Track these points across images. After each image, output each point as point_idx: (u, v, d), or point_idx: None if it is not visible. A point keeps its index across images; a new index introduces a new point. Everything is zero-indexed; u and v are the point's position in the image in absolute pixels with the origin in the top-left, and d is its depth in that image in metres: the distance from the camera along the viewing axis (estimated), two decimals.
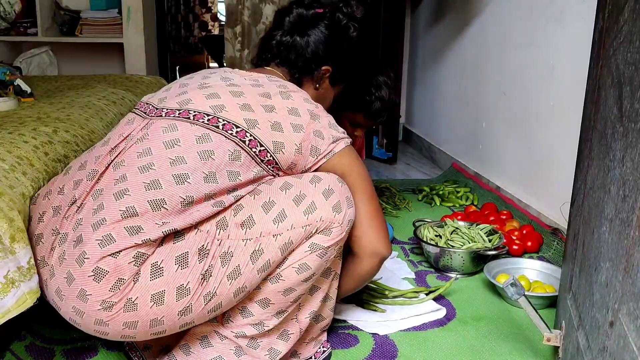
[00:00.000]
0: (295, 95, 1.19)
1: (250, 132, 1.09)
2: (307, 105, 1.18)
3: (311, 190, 1.12)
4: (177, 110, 1.11)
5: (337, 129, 1.21)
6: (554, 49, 2.08)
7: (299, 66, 1.33)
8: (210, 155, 1.05)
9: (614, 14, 0.96)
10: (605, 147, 0.95)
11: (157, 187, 1.01)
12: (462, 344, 1.42)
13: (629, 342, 0.73)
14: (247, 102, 1.12)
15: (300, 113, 1.15)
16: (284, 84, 1.23)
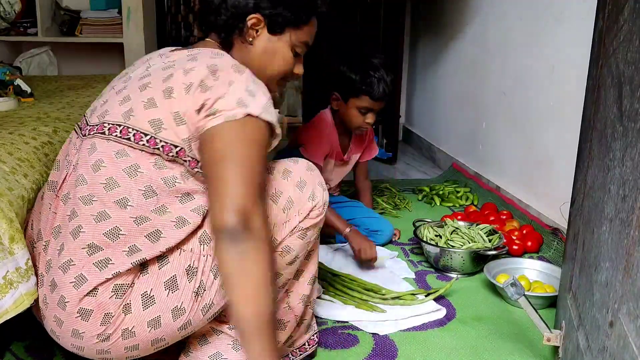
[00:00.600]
0: (198, 63, 1.02)
1: (160, 138, 0.99)
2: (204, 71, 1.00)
3: (285, 186, 1.12)
4: (96, 125, 1.04)
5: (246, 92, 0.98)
6: (554, 49, 2.08)
7: (221, 26, 1.13)
8: (136, 170, 0.99)
9: (614, 13, 0.95)
10: (605, 147, 0.95)
11: (106, 218, 0.98)
12: (462, 344, 1.42)
13: (629, 342, 0.73)
14: (151, 94, 1.01)
15: (192, 85, 0.99)
16: (198, 52, 1.07)
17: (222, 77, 0.99)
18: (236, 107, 0.96)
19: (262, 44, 1.13)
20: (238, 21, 1.11)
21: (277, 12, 1.11)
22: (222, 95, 0.97)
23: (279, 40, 1.14)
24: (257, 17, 1.10)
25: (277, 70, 1.16)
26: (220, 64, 1.01)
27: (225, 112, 0.96)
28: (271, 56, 1.15)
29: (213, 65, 1.00)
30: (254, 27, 1.11)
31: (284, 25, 1.13)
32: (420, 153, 3.62)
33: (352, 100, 1.91)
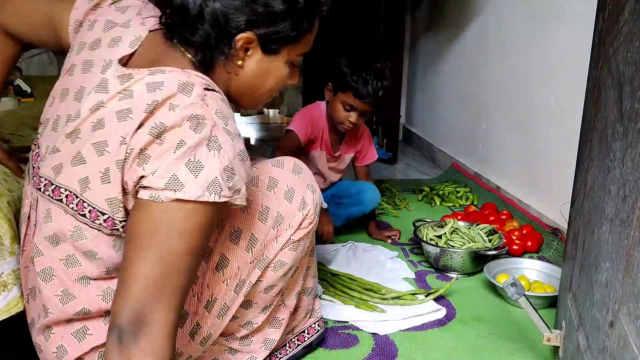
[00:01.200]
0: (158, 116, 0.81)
1: (119, 219, 0.86)
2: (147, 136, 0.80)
3: (272, 200, 1.04)
4: (51, 184, 0.88)
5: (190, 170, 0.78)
6: (554, 49, 2.08)
7: (199, 44, 0.89)
8: (94, 255, 0.89)
9: (614, 14, 0.96)
10: (606, 147, 0.95)
11: (71, 299, 0.90)
12: (462, 344, 1.42)
13: (629, 342, 0.73)
14: (106, 164, 0.83)
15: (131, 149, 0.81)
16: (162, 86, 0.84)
17: (167, 140, 0.79)
18: (163, 188, 0.77)
19: (253, 66, 0.93)
20: (222, 41, 0.88)
21: (275, 30, 0.90)
22: (156, 169, 0.79)
23: (274, 60, 0.94)
24: (248, 36, 0.89)
25: (268, 90, 0.98)
26: (173, 118, 0.80)
27: (151, 190, 0.79)
28: (263, 78, 0.96)
29: (160, 125, 0.79)
30: (243, 48, 0.90)
31: (283, 43, 0.93)
32: (420, 153, 3.62)
33: (340, 94, 1.92)
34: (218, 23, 0.87)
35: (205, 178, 0.78)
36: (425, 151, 3.56)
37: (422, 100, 3.65)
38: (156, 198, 0.78)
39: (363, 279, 1.71)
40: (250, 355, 1.17)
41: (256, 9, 0.87)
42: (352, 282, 1.67)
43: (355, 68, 1.87)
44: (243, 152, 0.85)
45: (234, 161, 0.82)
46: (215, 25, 0.87)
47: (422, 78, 3.66)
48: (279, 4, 0.89)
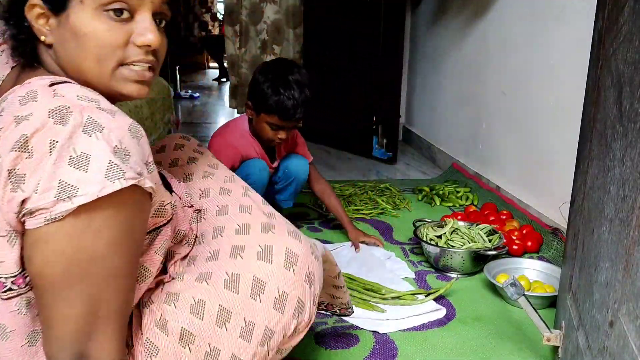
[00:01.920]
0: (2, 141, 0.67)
1: (3, 275, 0.71)
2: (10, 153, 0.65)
3: (258, 312, 0.85)
4: None
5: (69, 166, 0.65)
6: (554, 49, 2.08)
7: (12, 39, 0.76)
8: (4, 330, 0.74)
9: (614, 14, 0.96)
10: (605, 147, 0.95)
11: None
12: (462, 344, 1.42)
13: (629, 342, 0.73)
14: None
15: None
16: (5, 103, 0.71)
17: (36, 148, 0.64)
18: (55, 201, 0.63)
19: (57, 34, 0.74)
20: (19, 24, 0.75)
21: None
22: (37, 185, 0.64)
23: (71, 15, 0.73)
24: (35, 2, 0.73)
25: (96, 53, 0.74)
26: (31, 124, 0.65)
27: (42, 211, 0.64)
28: (76, 43, 0.74)
29: (22, 137, 0.65)
30: (39, 19, 0.74)
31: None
32: (420, 153, 3.62)
33: (263, 115, 1.85)
34: (10, 7, 0.74)
35: (99, 167, 0.64)
36: (425, 151, 3.56)
37: (422, 100, 3.65)
38: (52, 218, 0.63)
39: (363, 278, 1.71)
40: None
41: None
42: (352, 282, 1.67)
43: (275, 88, 1.80)
44: (133, 127, 0.69)
45: (124, 139, 0.67)
46: (10, 11, 0.74)
47: (422, 78, 3.65)
48: None
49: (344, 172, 3.14)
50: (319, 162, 3.28)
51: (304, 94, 1.83)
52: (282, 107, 1.81)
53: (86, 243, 0.66)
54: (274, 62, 1.98)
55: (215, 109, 5.41)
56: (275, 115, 1.83)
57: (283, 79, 1.82)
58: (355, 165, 3.32)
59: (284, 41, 4.10)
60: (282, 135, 1.88)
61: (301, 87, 1.83)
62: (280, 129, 1.87)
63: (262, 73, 1.87)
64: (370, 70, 3.33)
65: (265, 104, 1.82)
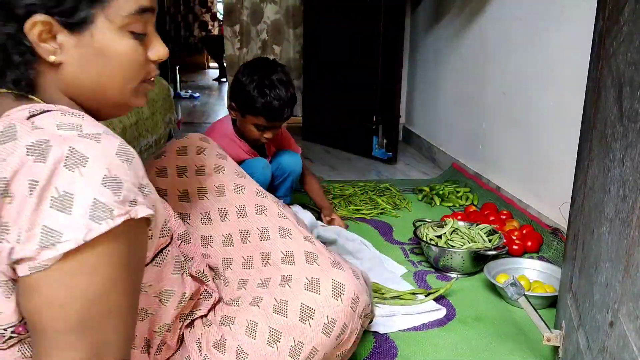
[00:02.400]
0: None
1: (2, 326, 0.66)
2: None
3: (307, 334, 0.95)
4: None
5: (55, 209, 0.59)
6: (554, 49, 2.08)
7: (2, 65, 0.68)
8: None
9: (614, 14, 0.96)
10: (605, 147, 0.95)
11: None
12: (462, 344, 1.42)
13: (629, 342, 0.73)
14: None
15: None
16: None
17: (16, 192, 0.58)
18: (38, 249, 0.58)
19: (75, 54, 0.69)
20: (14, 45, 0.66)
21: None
22: (18, 234, 0.58)
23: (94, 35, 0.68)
24: (37, 20, 0.65)
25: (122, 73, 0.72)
26: (9, 165, 0.59)
27: (27, 261, 0.59)
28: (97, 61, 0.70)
29: (2, 180, 0.59)
30: (42, 37, 0.66)
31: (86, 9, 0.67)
32: (420, 153, 3.62)
33: (249, 117, 1.84)
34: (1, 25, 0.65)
35: (83, 208, 0.58)
36: (425, 151, 3.56)
37: (422, 100, 3.65)
38: (37, 267, 0.58)
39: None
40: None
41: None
42: None
43: (261, 89, 1.79)
44: (122, 150, 0.63)
45: (113, 165, 0.61)
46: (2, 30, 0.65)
47: (422, 78, 3.65)
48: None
49: (344, 172, 3.14)
50: (319, 162, 3.28)
51: (289, 92, 1.83)
52: (270, 108, 1.80)
53: (80, 286, 0.61)
54: (255, 62, 1.95)
55: (215, 109, 5.41)
56: (262, 117, 1.83)
57: (267, 80, 1.80)
58: (355, 165, 3.32)
59: (284, 41, 4.10)
60: (268, 135, 1.89)
61: (286, 86, 1.83)
62: (267, 130, 1.87)
63: (245, 74, 1.85)
64: (370, 70, 3.33)
65: (252, 106, 1.81)
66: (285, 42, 4.10)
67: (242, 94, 1.83)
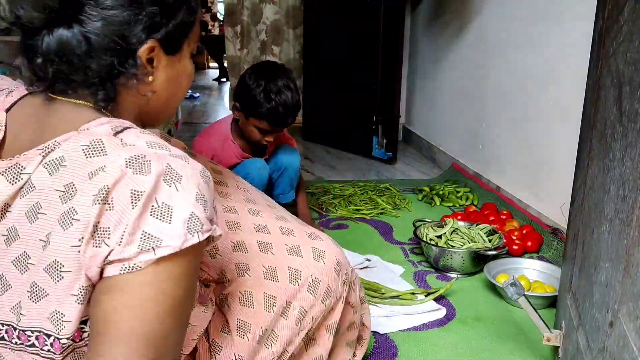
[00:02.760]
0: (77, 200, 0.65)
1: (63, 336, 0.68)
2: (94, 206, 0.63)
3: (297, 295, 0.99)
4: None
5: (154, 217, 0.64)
6: (554, 49, 2.08)
7: (96, 83, 0.72)
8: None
9: (614, 14, 0.96)
10: (605, 147, 0.95)
11: None
12: (462, 344, 1.42)
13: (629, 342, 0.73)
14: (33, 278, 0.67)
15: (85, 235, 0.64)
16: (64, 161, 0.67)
17: (117, 200, 0.63)
18: (138, 252, 0.63)
19: (163, 75, 0.79)
20: (127, 63, 0.73)
21: (175, 24, 0.77)
22: (121, 238, 0.63)
23: (180, 59, 0.81)
24: (150, 45, 0.74)
25: (182, 93, 0.85)
26: (110, 175, 0.64)
27: (122, 262, 0.63)
28: (176, 83, 0.82)
29: (103, 189, 0.63)
30: (150, 60, 0.76)
31: (183, 35, 0.80)
32: (420, 153, 3.62)
33: (253, 120, 1.85)
34: (116, 46, 0.71)
35: (182, 219, 0.64)
36: (425, 151, 3.56)
37: (422, 100, 3.65)
38: (131, 268, 0.63)
39: (362, 278, 1.71)
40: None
41: (151, 10, 0.72)
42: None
43: (267, 94, 1.79)
44: (204, 172, 0.69)
45: (200, 185, 0.67)
46: (115, 50, 0.71)
47: (422, 78, 3.65)
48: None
49: (344, 172, 3.14)
50: (319, 162, 3.28)
51: (294, 99, 1.84)
52: (275, 114, 1.81)
53: (166, 292, 0.65)
54: (262, 65, 1.96)
55: (215, 109, 5.41)
56: (266, 122, 1.83)
57: (274, 85, 1.81)
58: (355, 165, 3.31)
59: (284, 42, 4.10)
60: (270, 138, 1.90)
61: (292, 93, 1.83)
62: (270, 133, 1.88)
63: (252, 78, 1.85)
64: (369, 70, 3.33)
65: (257, 110, 1.82)
66: (285, 43, 4.10)
67: (248, 97, 1.84)
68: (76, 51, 0.70)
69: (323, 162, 3.32)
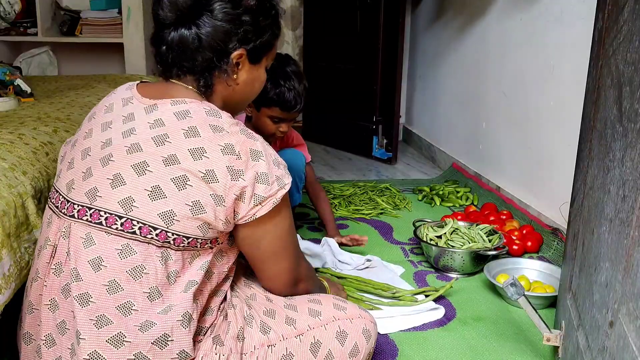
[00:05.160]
0: (204, 141, 0.94)
1: (172, 231, 0.92)
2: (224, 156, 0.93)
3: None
4: (88, 208, 0.93)
5: (275, 166, 0.99)
6: (554, 49, 2.08)
7: (200, 71, 1.01)
8: (141, 271, 0.91)
9: (614, 14, 0.96)
10: (605, 147, 0.95)
11: (107, 324, 0.89)
12: (462, 344, 1.42)
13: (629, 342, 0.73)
14: (155, 182, 0.92)
15: (216, 173, 0.93)
16: (190, 113, 0.96)
17: (243, 152, 0.94)
18: (278, 189, 0.97)
19: (245, 77, 1.07)
20: (222, 61, 1.01)
21: (262, 41, 1.05)
22: (258, 178, 0.95)
23: (258, 68, 1.09)
24: (240, 52, 1.02)
25: (255, 94, 1.14)
26: (230, 137, 0.94)
27: (271, 198, 0.96)
28: (252, 85, 1.10)
29: (227, 145, 0.93)
30: (237, 62, 1.03)
31: (266, 51, 1.08)
32: (420, 153, 3.62)
33: (264, 110, 1.85)
34: (217, 47, 0.99)
35: (285, 167, 1.00)
36: (425, 151, 3.56)
37: (422, 100, 3.65)
38: (277, 201, 0.97)
39: (362, 277, 1.71)
40: None
41: (247, 28, 1.01)
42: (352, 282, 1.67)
43: (275, 80, 1.79)
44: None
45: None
46: (215, 50, 0.99)
47: (422, 78, 3.66)
48: (265, 18, 1.04)
49: (344, 172, 3.14)
50: (319, 162, 3.28)
51: (302, 84, 1.84)
52: (284, 98, 1.81)
53: (287, 212, 1.02)
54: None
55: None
56: (277, 108, 1.83)
57: (281, 71, 1.82)
58: (355, 165, 3.32)
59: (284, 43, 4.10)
60: (283, 128, 1.89)
61: (299, 78, 1.84)
62: (282, 121, 1.88)
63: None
64: (370, 70, 3.33)
65: (266, 97, 1.82)
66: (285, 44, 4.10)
67: None
68: (190, 45, 0.98)
69: (323, 162, 3.32)
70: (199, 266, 0.97)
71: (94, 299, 0.90)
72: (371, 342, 1.12)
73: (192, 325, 0.94)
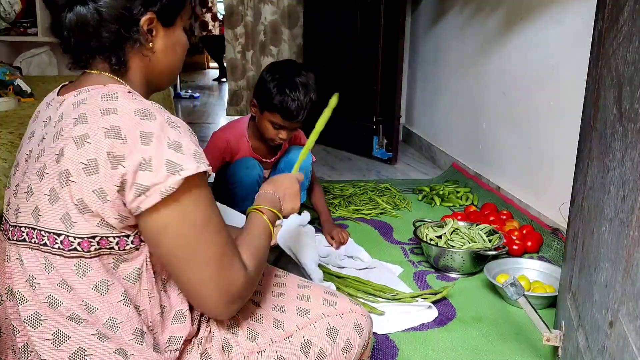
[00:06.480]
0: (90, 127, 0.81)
1: (73, 235, 0.82)
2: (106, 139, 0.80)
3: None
4: (13, 226, 0.87)
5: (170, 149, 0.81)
6: (554, 49, 2.08)
7: (109, 47, 0.90)
8: (66, 284, 0.84)
9: (614, 14, 0.96)
10: (605, 147, 0.95)
11: (65, 339, 0.83)
12: (462, 344, 1.42)
13: (629, 342, 0.73)
14: (51, 183, 0.82)
15: (98, 162, 0.80)
16: (86, 100, 0.86)
17: (130, 136, 0.80)
18: (167, 175, 0.79)
19: (161, 44, 0.94)
20: (131, 30, 0.89)
21: (168, 0, 0.93)
22: (143, 164, 0.79)
23: (174, 31, 0.96)
24: (149, 17, 0.90)
25: (180, 61, 1.01)
26: (119, 119, 0.81)
27: (157, 186, 0.79)
28: (173, 51, 0.97)
29: (113, 128, 0.80)
30: (149, 29, 0.91)
31: (177, 11, 0.96)
32: (420, 153, 3.62)
33: (267, 114, 1.87)
34: (121, 16, 0.88)
35: (190, 152, 0.82)
36: (425, 151, 3.56)
37: (422, 100, 3.65)
38: (167, 191, 0.79)
39: (361, 278, 1.71)
40: None
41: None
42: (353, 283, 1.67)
43: (281, 87, 1.81)
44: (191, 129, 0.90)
45: (193, 134, 0.87)
46: (120, 20, 0.88)
47: (422, 78, 3.66)
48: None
49: (344, 172, 3.14)
50: (319, 162, 3.28)
51: (308, 96, 1.85)
52: (285, 107, 1.82)
53: (197, 207, 0.83)
54: (283, 62, 2.01)
55: (215, 109, 5.41)
56: (277, 114, 1.84)
57: (290, 80, 1.83)
58: (355, 165, 3.32)
59: (282, 42, 4.10)
60: (283, 135, 1.89)
61: (307, 90, 1.85)
62: (282, 129, 1.88)
63: (270, 72, 1.88)
64: (370, 70, 3.33)
65: (269, 102, 1.83)
66: (282, 43, 4.10)
67: (263, 90, 1.87)
68: (91, 22, 0.87)
69: (323, 162, 3.32)
70: (131, 272, 0.87)
71: (44, 316, 0.84)
72: (364, 335, 1.07)
73: (147, 339, 0.86)
